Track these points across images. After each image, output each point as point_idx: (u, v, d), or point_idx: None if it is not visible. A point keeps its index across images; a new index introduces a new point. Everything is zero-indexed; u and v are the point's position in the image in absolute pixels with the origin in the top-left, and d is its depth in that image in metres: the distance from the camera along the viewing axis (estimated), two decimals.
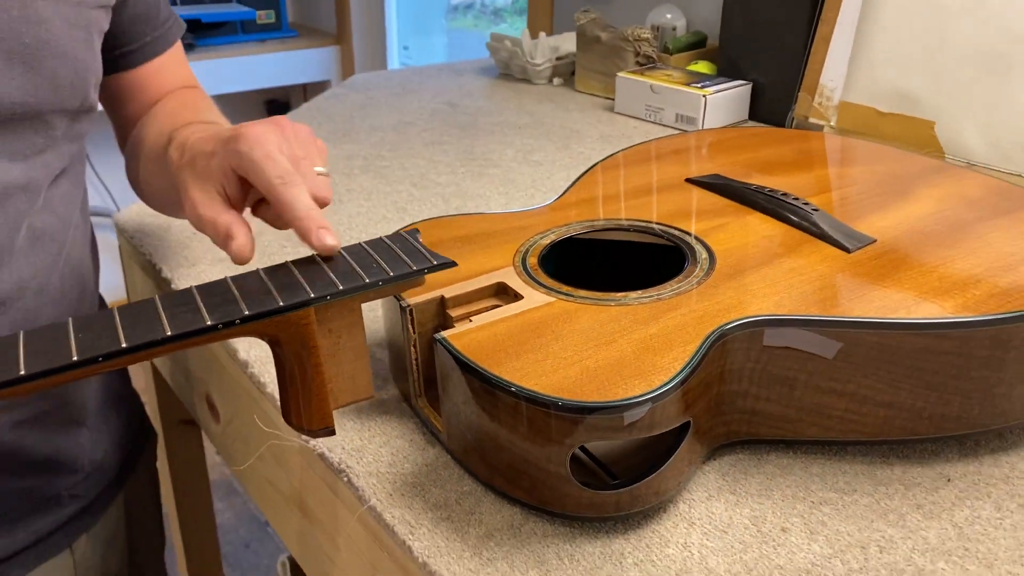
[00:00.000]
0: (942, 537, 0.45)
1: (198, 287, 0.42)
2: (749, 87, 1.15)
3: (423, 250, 0.46)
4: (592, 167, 0.70)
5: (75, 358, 0.37)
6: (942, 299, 0.48)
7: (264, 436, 0.58)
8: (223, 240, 0.47)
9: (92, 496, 0.67)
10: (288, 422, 0.46)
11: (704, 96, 1.09)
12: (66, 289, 0.61)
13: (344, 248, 0.46)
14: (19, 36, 0.51)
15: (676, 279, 0.51)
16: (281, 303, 0.41)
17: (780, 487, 0.49)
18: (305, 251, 0.45)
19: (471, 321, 0.48)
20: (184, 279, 0.72)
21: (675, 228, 0.58)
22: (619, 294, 0.50)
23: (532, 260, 0.54)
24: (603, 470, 0.48)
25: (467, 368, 0.44)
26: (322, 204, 0.46)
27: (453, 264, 0.46)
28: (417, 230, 0.49)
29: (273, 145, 0.46)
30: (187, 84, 0.73)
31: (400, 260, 0.45)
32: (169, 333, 0.39)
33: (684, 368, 0.43)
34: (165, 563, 0.85)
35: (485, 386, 0.43)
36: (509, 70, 1.40)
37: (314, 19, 2.55)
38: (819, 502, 0.47)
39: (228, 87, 2.47)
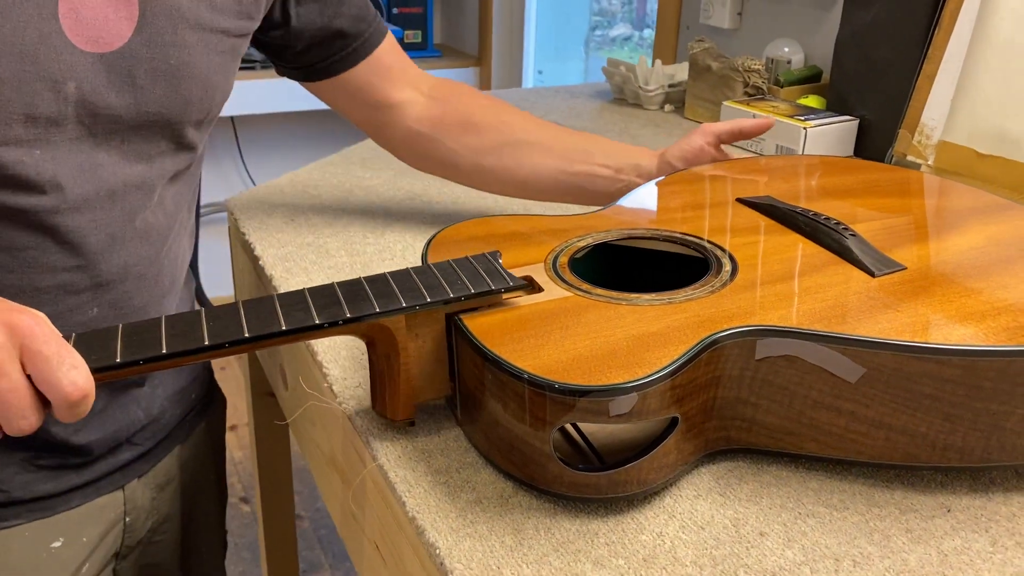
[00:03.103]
0: (923, 561, 0.45)
1: (310, 289, 0.50)
2: (855, 123, 1.13)
3: (502, 271, 0.52)
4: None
5: (206, 343, 0.45)
6: (955, 327, 0.48)
7: (307, 397, 0.64)
8: None
9: (148, 446, 0.74)
10: (375, 409, 0.54)
11: (805, 129, 1.08)
12: (161, 277, 0.68)
13: (434, 264, 0.53)
14: (166, 58, 0.60)
15: (692, 286, 0.53)
16: (378, 309, 0.48)
17: (771, 496, 0.50)
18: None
19: (490, 307, 0.52)
20: (271, 258, 0.79)
21: (707, 241, 0.59)
22: (633, 295, 0.52)
23: (563, 260, 0.58)
24: (597, 457, 0.50)
25: (470, 344, 0.48)
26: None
27: (527, 285, 0.52)
28: (499, 252, 0.55)
29: None
30: (411, 66, 0.83)
31: (481, 278, 0.52)
32: (284, 327, 0.46)
33: (669, 365, 0.45)
34: (224, 516, 0.90)
35: (481, 360, 0.47)
36: (623, 95, 1.43)
37: (458, 41, 2.67)
38: (806, 514, 0.48)
39: None
